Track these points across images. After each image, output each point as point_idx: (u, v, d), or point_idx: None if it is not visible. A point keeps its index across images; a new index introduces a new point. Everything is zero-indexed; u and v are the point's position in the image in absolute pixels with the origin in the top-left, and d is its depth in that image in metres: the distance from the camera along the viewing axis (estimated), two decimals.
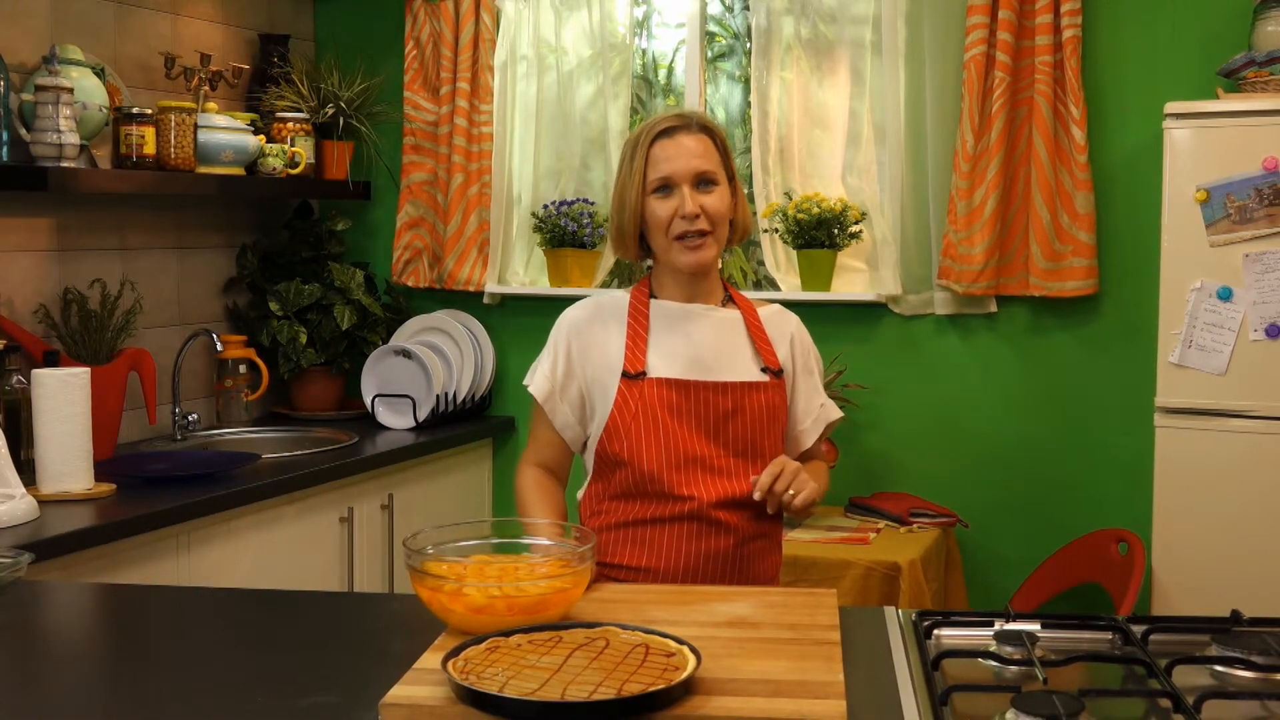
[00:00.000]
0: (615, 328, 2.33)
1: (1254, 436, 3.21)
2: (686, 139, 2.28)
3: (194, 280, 4.05)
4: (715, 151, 2.31)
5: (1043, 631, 1.94)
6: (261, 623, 2.11)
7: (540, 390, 2.33)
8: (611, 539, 2.30)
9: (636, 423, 2.25)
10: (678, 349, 2.30)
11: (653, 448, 2.25)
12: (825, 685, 1.66)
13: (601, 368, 2.31)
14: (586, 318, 2.36)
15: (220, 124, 3.78)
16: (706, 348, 2.31)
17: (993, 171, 3.70)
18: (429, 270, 4.37)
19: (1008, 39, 3.68)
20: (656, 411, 2.25)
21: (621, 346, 2.31)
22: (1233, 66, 3.40)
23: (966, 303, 3.86)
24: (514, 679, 1.59)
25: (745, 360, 2.34)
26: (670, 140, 2.28)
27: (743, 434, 2.28)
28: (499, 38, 4.23)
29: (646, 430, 2.25)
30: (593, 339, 2.33)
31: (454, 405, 4.17)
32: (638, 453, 2.25)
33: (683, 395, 2.27)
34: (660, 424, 2.25)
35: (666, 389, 2.26)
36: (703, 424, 2.27)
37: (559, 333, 2.36)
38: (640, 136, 2.30)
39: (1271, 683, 1.76)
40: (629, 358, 2.29)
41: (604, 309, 2.37)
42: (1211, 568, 3.25)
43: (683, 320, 2.34)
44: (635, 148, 2.30)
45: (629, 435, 2.26)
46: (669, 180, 2.28)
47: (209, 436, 3.90)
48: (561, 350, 2.33)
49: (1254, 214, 3.18)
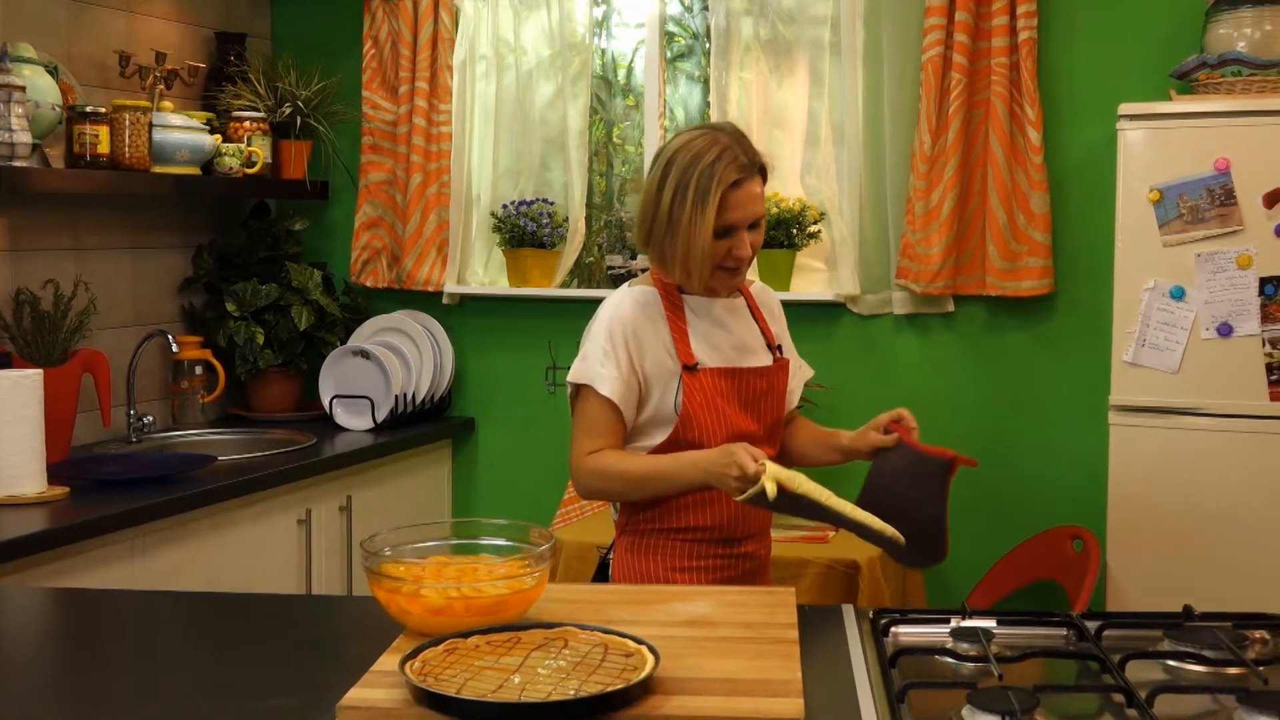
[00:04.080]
0: (659, 323, 2.44)
1: (1206, 434, 3.25)
2: (751, 186, 2.40)
3: (149, 281, 4.02)
4: (764, 189, 2.45)
5: (999, 628, 1.95)
6: (218, 626, 2.09)
7: (615, 392, 2.40)
8: (676, 505, 2.44)
9: (703, 411, 2.41)
10: (715, 340, 2.47)
11: (718, 431, 2.41)
12: (783, 684, 1.66)
13: (654, 362, 2.42)
14: (636, 316, 2.43)
15: (176, 123, 3.75)
16: (735, 335, 2.50)
17: (950, 172, 3.73)
18: (387, 270, 4.36)
19: (964, 41, 3.70)
20: (715, 400, 2.43)
21: (668, 342, 2.43)
22: (1185, 68, 3.44)
23: (924, 302, 3.88)
24: (472, 680, 1.59)
25: (760, 343, 2.54)
26: (739, 190, 2.38)
27: (772, 409, 2.52)
28: (458, 37, 4.22)
29: (711, 417, 2.42)
30: (645, 335, 2.42)
31: (413, 406, 4.15)
32: (707, 437, 2.40)
33: (729, 381, 2.45)
34: (719, 410, 2.43)
35: (718, 377, 2.44)
36: (745, 404, 2.47)
37: (615, 331, 2.42)
38: (712, 183, 2.36)
39: (1223, 677, 1.78)
40: (682, 351, 2.42)
41: (645, 306, 2.45)
42: (1165, 564, 3.29)
43: (710, 312, 2.49)
44: (706, 193, 2.36)
45: (699, 423, 2.41)
46: (734, 226, 2.39)
47: (165, 438, 3.87)
48: (622, 349, 2.41)
49: (1206, 214, 3.22)
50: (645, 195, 2.45)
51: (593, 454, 2.42)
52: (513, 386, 4.33)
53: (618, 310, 2.44)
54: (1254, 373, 3.21)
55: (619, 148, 4.44)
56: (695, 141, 2.40)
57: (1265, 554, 3.20)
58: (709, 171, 2.35)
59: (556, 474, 4.08)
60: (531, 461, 4.30)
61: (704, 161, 2.36)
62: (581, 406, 2.45)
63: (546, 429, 4.27)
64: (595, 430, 2.43)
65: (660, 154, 2.45)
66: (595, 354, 2.42)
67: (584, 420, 2.45)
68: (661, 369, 2.42)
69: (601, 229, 4.34)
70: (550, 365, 4.25)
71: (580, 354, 2.46)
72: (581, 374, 2.43)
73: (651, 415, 2.43)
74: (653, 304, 2.45)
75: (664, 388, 2.42)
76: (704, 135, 2.41)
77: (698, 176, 2.36)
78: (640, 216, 2.47)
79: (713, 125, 2.47)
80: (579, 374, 2.43)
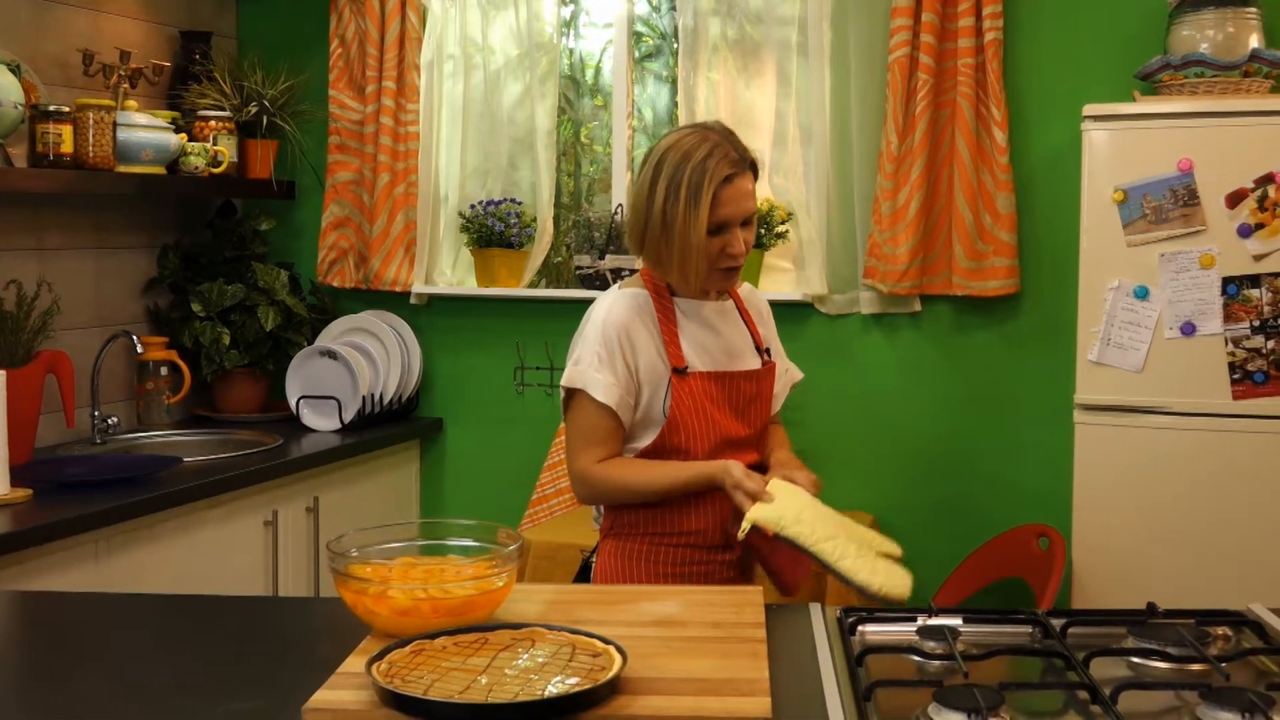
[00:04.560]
0: (651, 326, 2.43)
1: (1170, 432, 3.27)
2: (743, 183, 2.40)
3: (113, 281, 3.99)
4: (755, 186, 2.45)
5: (964, 626, 1.96)
6: (183, 628, 2.08)
7: (612, 398, 2.37)
8: (664, 511, 2.42)
9: (691, 415, 2.40)
10: (704, 343, 2.46)
11: (706, 436, 2.41)
12: (751, 683, 1.67)
13: (647, 364, 2.40)
14: (630, 319, 2.41)
15: (140, 122, 3.73)
16: (724, 339, 2.49)
17: (916, 172, 3.75)
18: (355, 270, 4.34)
19: (930, 41, 3.72)
20: (704, 404, 2.42)
21: (659, 344, 2.41)
22: (1149, 69, 3.46)
23: (891, 302, 3.90)
24: (439, 681, 1.59)
25: (749, 346, 2.53)
26: (731, 185, 2.37)
27: (760, 413, 2.52)
28: (425, 36, 4.21)
29: (699, 421, 2.41)
30: (639, 338, 2.41)
31: (380, 407, 4.14)
32: (694, 442, 2.40)
33: (719, 385, 2.44)
34: (707, 414, 2.42)
35: (707, 381, 2.43)
36: (734, 408, 2.46)
37: (609, 335, 2.39)
38: (704, 179, 2.35)
39: (1186, 673, 1.80)
40: (672, 354, 2.41)
41: (638, 308, 2.43)
42: (1129, 561, 3.31)
43: (700, 315, 2.48)
44: (699, 189, 2.34)
45: (686, 427, 2.40)
46: (727, 222, 2.38)
47: (129, 440, 3.84)
48: (618, 353, 2.39)
49: (1169, 214, 3.25)
50: (637, 197, 2.43)
51: (599, 464, 2.39)
52: (481, 387, 4.33)
53: (611, 313, 2.41)
54: (1217, 372, 3.23)
55: (587, 148, 4.44)
56: (685, 140, 2.39)
57: (1228, 552, 3.23)
58: (700, 168, 2.35)
59: (525, 474, 4.07)
60: (500, 462, 4.29)
61: (695, 158, 2.35)
62: (577, 413, 2.41)
63: (515, 429, 4.27)
64: (594, 438, 2.39)
65: (650, 154, 2.43)
66: (589, 358, 2.39)
67: (581, 427, 2.41)
68: (653, 371, 2.40)
69: (569, 229, 4.34)
70: (519, 365, 4.25)
71: (573, 358, 2.43)
72: (576, 379, 2.39)
73: (640, 418, 2.42)
74: (645, 305, 2.43)
75: (654, 390, 2.40)
76: (693, 133, 2.40)
77: (689, 174, 2.35)
78: (633, 219, 2.45)
79: (701, 124, 2.46)
80: (573, 379, 2.40)
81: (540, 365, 4.23)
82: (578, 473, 2.42)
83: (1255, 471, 3.21)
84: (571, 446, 2.44)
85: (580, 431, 2.41)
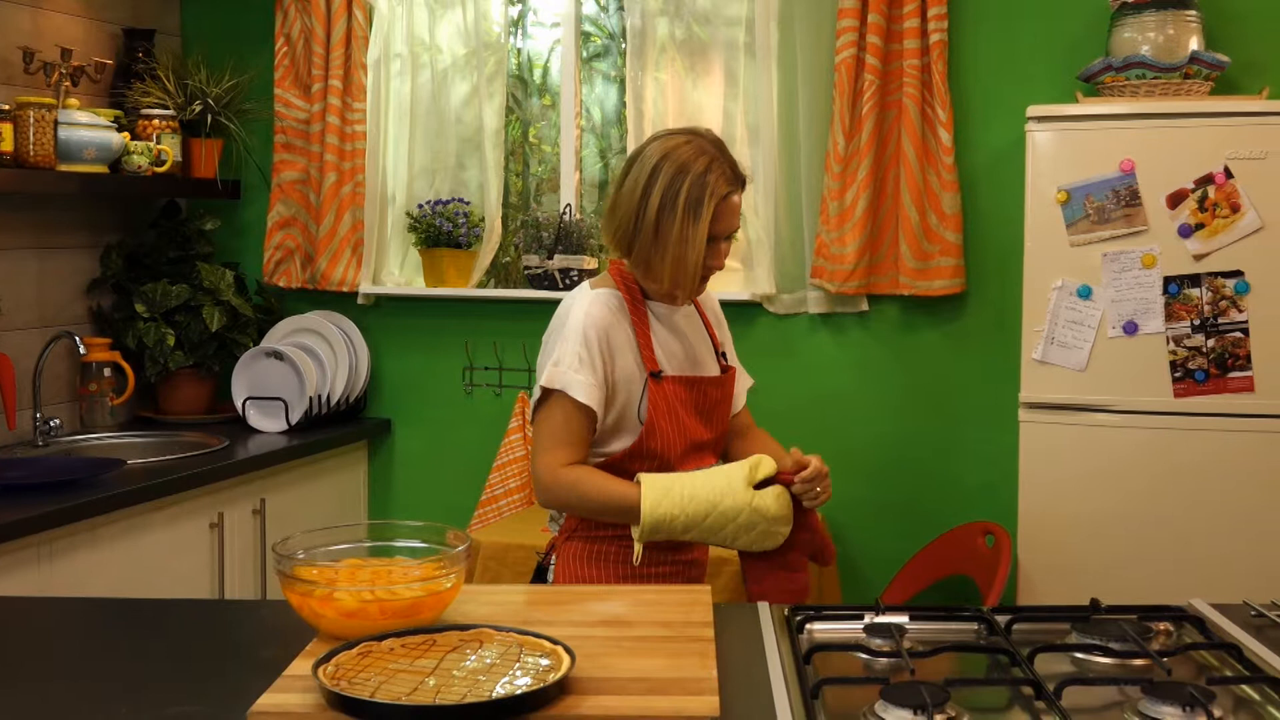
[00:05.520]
0: (626, 328, 2.42)
1: (1112, 430, 3.31)
2: (738, 200, 2.43)
3: (55, 281, 3.94)
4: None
5: (911, 624, 1.98)
6: (127, 632, 2.06)
7: (593, 399, 2.34)
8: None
9: (665, 420, 2.41)
10: (673, 347, 2.47)
11: (678, 441, 2.42)
12: (699, 681, 1.67)
13: (624, 368, 2.39)
14: (608, 319, 2.39)
15: (82, 121, 3.68)
16: (690, 344, 2.51)
17: (863, 172, 3.77)
18: (301, 270, 4.31)
19: (877, 42, 3.74)
20: (676, 408, 2.43)
21: (634, 347, 2.40)
22: (1091, 71, 3.50)
23: (839, 301, 3.92)
24: (386, 683, 1.58)
25: (709, 351, 2.56)
26: (728, 202, 2.40)
27: (723, 418, 2.55)
28: (372, 35, 4.19)
29: (672, 425, 2.42)
30: (616, 340, 2.39)
31: (328, 408, 4.11)
32: (668, 445, 2.41)
33: (689, 390, 2.46)
34: (679, 418, 2.43)
35: (679, 386, 2.44)
36: (701, 413, 2.48)
37: (590, 335, 2.36)
38: (705, 194, 2.35)
39: (1128, 668, 1.82)
40: (647, 358, 2.41)
41: (615, 310, 2.42)
42: (1074, 558, 3.35)
43: (670, 320, 2.49)
44: (700, 203, 2.35)
45: (661, 432, 2.40)
46: (717, 236, 2.41)
47: (72, 442, 3.79)
48: (598, 354, 2.36)
49: (1111, 214, 3.29)
50: (625, 201, 2.39)
51: (567, 467, 2.35)
52: (429, 387, 4.31)
53: (591, 313, 2.38)
54: (1158, 370, 3.28)
55: (535, 147, 4.43)
56: (681, 150, 2.37)
57: (1170, 548, 3.27)
58: (701, 183, 2.34)
59: (474, 475, 4.06)
60: (449, 463, 4.27)
61: (694, 171, 2.35)
62: (552, 412, 2.36)
63: (464, 430, 4.25)
64: (566, 439, 2.36)
65: (640, 158, 2.40)
66: (570, 359, 2.34)
67: (553, 427, 2.36)
68: (629, 375, 2.38)
69: (518, 229, 4.32)
70: (467, 366, 4.24)
71: (551, 358, 2.37)
72: (556, 380, 2.34)
73: (614, 423, 2.39)
74: (619, 308, 2.42)
75: (629, 394, 2.38)
76: (689, 143, 2.39)
77: (689, 187, 2.34)
78: (619, 222, 2.41)
79: (692, 130, 2.44)
80: (554, 379, 2.34)
81: (489, 366, 4.22)
82: (543, 473, 2.37)
83: (1196, 468, 3.26)
84: (540, 446, 2.38)
85: (552, 431, 2.36)
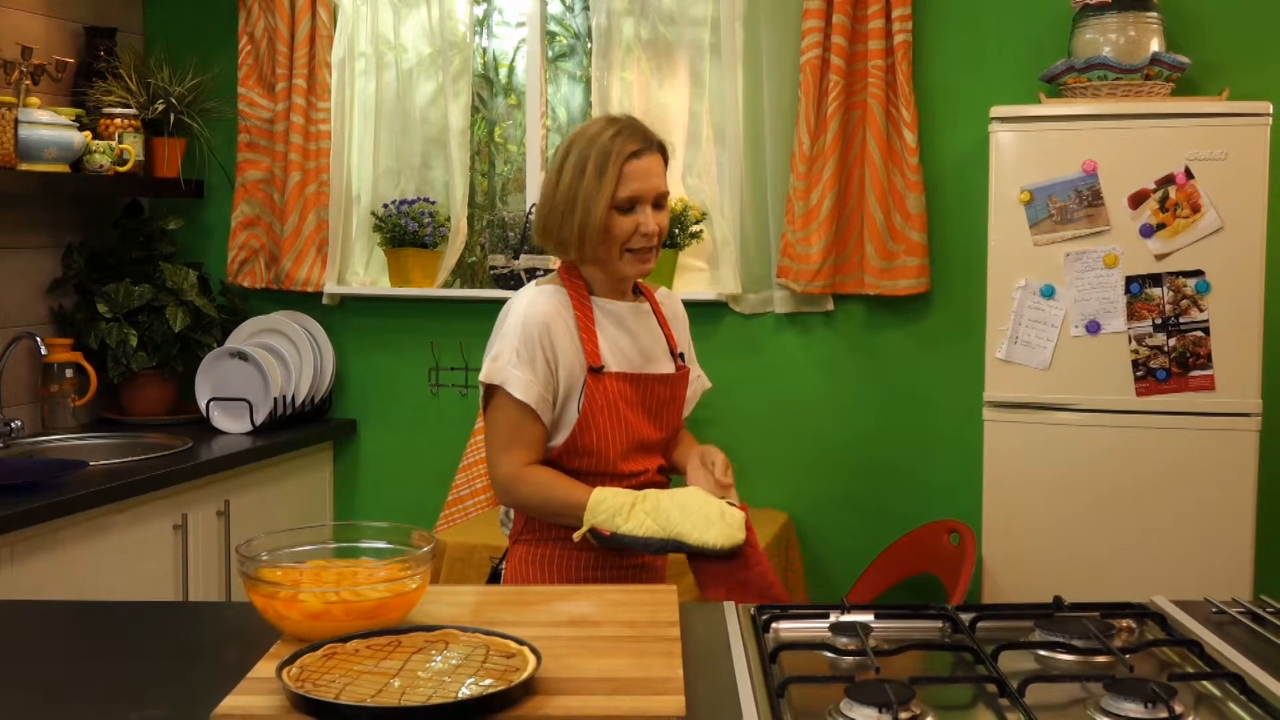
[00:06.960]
0: (570, 323, 2.40)
1: (1075, 429, 3.34)
2: (651, 161, 2.40)
3: (16, 281, 3.90)
4: (665, 170, 2.45)
5: (876, 622, 1.98)
6: (89, 635, 2.04)
7: (532, 396, 2.34)
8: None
9: (603, 415, 2.39)
10: (621, 344, 2.45)
11: (618, 437, 2.41)
12: (665, 681, 1.67)
13: (566, 364, 2.38)
14: (550, 316, 2.38)
15: (43, 119, 3.65)
16: (641, 341, 2.48)
17: (828, 173, 3.78)
18: (265, 270, 4.28)
19: (841, 43, 3.75)
20: (617, 404, 2.41)
21: (578, 342, 2.39)
22: (1054, 72, 3.53)
23: (804, 301, 3.93)
24: (351, 685, 1.58)
25: (664, 349, 2.53)
26: (639, 161, 2.38)
27: (672, 417, 2.53)
28: (336, 34, 4.17)
29: (611, 421, 2.40)
30: (559, 336, 2.38)
31: (292, 408, 4.09)
32: (605, 442, 2.39)
33: (633, 387, 2.43)
34: (620, 415, 2.41)
35: (622, 382, 2.42)
36: (649, 411, 2.46)
37: (530, 333, 2.35)
38: (610, 154, 2.36)
39: (1091, 665, 1.83)
40: (589, 353, 2.39)
41: (559, 305, 2.41)
42: (1037, 555, 3.37)
43: (618, 316, 2.47)
44: (605, 164, 2.35)
45: (597, 427, 2.38)
46: (636, 199, 2.38)
47: (34, 443, 3.76)
48: (538, 351, 2.35)
49: (1074, 214, 3.31)
50: (545, 185, 2.43)
51: (527, 468, 2.36)
52: (395, 388, 4.29)
53: (532, 309, 2.38)
54: (1120, 369, 3.30)
55: (501, 147, 4.42)
56: (591, 126, 2.43)
57: (1132, 545, 3.30)
58: (607, 145, 2.37)
59: (440, 475, 4.05)
60: (414, 463, 4.26)
61: (602, 138, 2.38)
62: (498, 412, 2.37)
63: (429, 430, 4.24)
64: (516, 438, 2.36)
65: (559, 147, 2.45)
66: (508, 354, 2.35)
67: (504, 426, 2.37)
68: (571, 370, 2.38)
69: (484, 229, 4.32)
70: (433, 366, 4.22)
71: (491, 353, 2.38)
72: (494, 374, 2.35)
73: (557, 417, 2.39)
74: (564, 303, 2.41)
75: (571, 389, 2.38)
76: (600, 120, 2.44)
77: (596, 152, 2.37)
78: (541, 207, 2.44)
79: (608, 115, 2.49)
80: (491, 374, 2.35)
81: (455, 366, 4.21)
82: (501, 477, 2.37)
83: (1158, 467, 3.28)
84: (492, 447, 2.39)
85: (502, 431, 2.37)
